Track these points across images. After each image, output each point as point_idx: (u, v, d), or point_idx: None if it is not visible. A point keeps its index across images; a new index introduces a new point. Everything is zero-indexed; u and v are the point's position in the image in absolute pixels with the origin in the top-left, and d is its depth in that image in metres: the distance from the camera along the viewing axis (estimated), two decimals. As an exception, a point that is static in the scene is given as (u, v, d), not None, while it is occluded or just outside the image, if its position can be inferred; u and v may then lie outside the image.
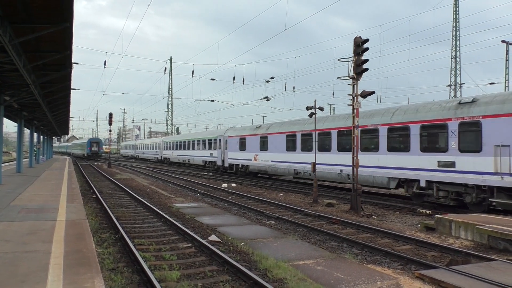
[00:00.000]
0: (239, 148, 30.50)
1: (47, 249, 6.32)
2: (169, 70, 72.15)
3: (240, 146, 30.29)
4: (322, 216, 13.12)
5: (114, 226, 10.70)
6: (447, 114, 14.40)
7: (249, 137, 29.08)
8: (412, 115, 15.88)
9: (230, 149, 32.22)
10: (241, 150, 30.16)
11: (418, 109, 15.91)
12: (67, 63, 14.57)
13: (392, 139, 16.75)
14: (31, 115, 26.31)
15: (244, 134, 30.08)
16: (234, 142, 31.63)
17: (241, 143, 30.25)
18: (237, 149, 30.90)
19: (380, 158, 17.14)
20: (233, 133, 32.44)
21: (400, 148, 16.36)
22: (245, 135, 29.70)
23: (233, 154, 31.74)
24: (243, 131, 30.89)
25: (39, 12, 9.77)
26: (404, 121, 16.17)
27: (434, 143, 14.96)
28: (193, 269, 7.30)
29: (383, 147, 17.11)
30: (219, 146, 34.83)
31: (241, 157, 30.25)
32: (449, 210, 14.20)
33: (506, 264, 7.40)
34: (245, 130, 30.72)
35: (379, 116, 17.67)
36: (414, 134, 15.60)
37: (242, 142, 30.08)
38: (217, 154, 35.42)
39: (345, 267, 7.47)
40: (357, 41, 14.72)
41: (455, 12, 48.30)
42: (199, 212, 13.86)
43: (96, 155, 69.43)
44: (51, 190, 15.03)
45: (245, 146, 29.52)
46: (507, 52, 40.90)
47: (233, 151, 31.78)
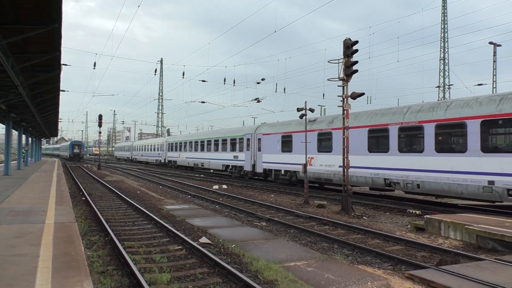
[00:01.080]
0: (280, 149, 24.01)
1: (35, 252, 6.24)
2: (159, 72, 71.92)
3: (283, 146, 23.82)
4: (313, 217, 13.14)
5: (104, 229, 10.61)
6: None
7: (297, 134, 22.43)
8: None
9: (266, 150, 25.59)
10: (284, 151, 23.70)
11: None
12: (56, 64, 14.43)
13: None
14: (20, 116, 26.00)
15: (289, 131, 23.45)
16: (272, 141, 25.07)
17: (284, 143, 23.76)
18: (276, 150, 24.47)
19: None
20: (269, 129, 25.88)
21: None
22: (291, 132, 23.11)
23: (271, 157, 25.09)
24: (287, 126, 24.07)
25: (27, 13, 9.67)
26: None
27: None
28: (183, 271, 7.26)
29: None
30: (248, 146, 27.99)
31: (284, 160, 23.66)
32: (439, 210, 14.32)
33: (495, 264, 7.48)
34: (290, 125, 23.80)
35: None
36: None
37: (287, 141, 23.53)
38: (244, 157, 28.40)
39: (336, 268, 7.49)
40: (346, 43, 14.80)
41: (443, 14, 48.85)
42: (190, 214, 13.80)
43: (78, 156, 73.68)
44: (39, 192, 14.85)
45: (290, 147, 23.00)
46: (495, 54, 41.47)
47: (270, 153, 25.20)
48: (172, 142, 47.66)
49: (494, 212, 13.98)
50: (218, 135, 33.97)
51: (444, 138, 14.63)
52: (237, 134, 30.15)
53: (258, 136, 26.84)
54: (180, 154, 43.71)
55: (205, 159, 36.17)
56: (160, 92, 74.27)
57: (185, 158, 42.01)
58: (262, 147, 26.14)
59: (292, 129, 23.29)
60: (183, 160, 42.61)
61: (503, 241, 8.76)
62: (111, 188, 21.84)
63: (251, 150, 27.56)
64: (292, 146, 22.92)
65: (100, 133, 48.86)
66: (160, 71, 72.37)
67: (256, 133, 27.26)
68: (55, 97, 22.21)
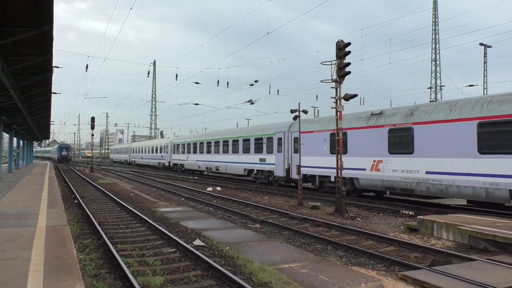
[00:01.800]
0: (329, 150, 19.67)
1: (27, 256, 6.18)
2: (152, 74, 71.73)
3: (333, 146, 19.04)
4: (307, 219, 13.16)
5: (97, 232, 10.53)
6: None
7: (355, 132, 18.16)
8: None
9: (306, 151, 21.12)
10: (335, 153, 17.43)
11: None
12: (48, 66, 14.34)
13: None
14: (11, 119, 25.78)
15: (345, 128, 18.35)
16: (315, 140, 20.70)
17: (335, 142, 17.53)
18: (322, 152, 20.09)
19: None
20: (311, 126, 21.19)
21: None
22: (346, 129, 18.39)
23: (313, 160, 20.62)
24: (347, 121, 18.68)
25: (18, 15, 9.61)
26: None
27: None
28: (177, 274, 7.23)
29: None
30: (280, 147, 23.75)
31: (334, 164, 16.90)
32: (432, 211, 14.41)
33: (487, 264, 7.53)
34: (343, 120, 17.31)
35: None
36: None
37: (346, 139, 18.70)
38: (274, 160, 24.13)
39: (329, 270, 7.50)
40: (339, 44, 14.86)
41: (434, 16, 49.29)
42: (184, 217, 13.75)
43: (66, 159, 75.45)
44: (31, 195, 14.72)
45: (346, 147, 18.49)
46: (485, 55, 41.87)
47: (312, 155, 20.78)
48: (178, 143, 42.47)
49: (486, 213, 14.08)
50: (239, 134, 29.18)
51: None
52: (264, 133, 25.26)
53: (294, 134, 22.05)
54: (188, 156, 38.82)
55: (221, 163, 31.27)
56: (153, 94, 74.08)
57: (194, 161, 37.15)
58: (300, 148, 20.93)
59: (347, 124, 18.46)
60: (192, 164, 37.80)
61: (495, 241, 8.83)
62: (104, 190, 21.70)
63: (284, 152, 23.13)
64: (347, 146, 18.40)
65: (92, 136, 48.60)
66: (153, 73, 72.22)
67: (291, 131, 22.72)
68: (46, 100, 22.07)
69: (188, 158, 38.90)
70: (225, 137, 31.04)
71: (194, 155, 37.19)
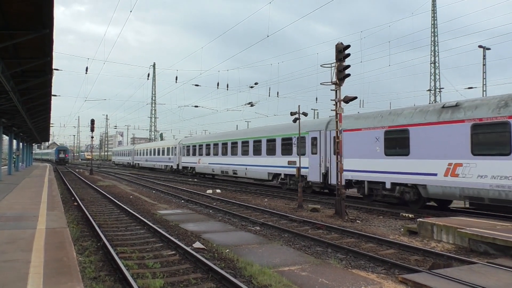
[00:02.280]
0: (382, 151, 16.51)
1: (27, 258, 6.17)
2: (152, 76, 71.80)
3: (388, 147, 16.30)
4: (307, 221, 13.15)
5: (96, 234, 10.52)
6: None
7: (420, 129, 15.03)
8: None
9: (350, 153, 17.92)
10: (391, 154, 16.12)
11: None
12: (47, 69, 14.36)
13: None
14: (10, 121, 25.80)
15: (400, 124, 15.79)
16: (362, 139, 17.54)
17: (391, 141, 16.20)
18: (372, 153, 16.91)
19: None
20: (357, 123, 18.13)
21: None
22: (406, 125, 15.52)
23: (360, 163, 17.54)
24: (395, 118, 16.23)
25: (18, 18, 9.62)
26: None
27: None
28: (177, 277, 7.21)
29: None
30: (314, 148, 20.60)
31: (390, 167, 16.04)
32: (431, 214, 14.40)
33: (487, 267, 7.53)
34: (401, 115, 15.96)
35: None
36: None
37: (396, 139, 15.96)
38: (308, 163, 20.82)
39: (329, 273, 7.49)
40: (338, 47, 14.89)
41: (433, 18, 49.37)
42: (183, 219, 13.74)
43: (63, 161, 77.72)
44: (31, 197, 14.70)
45: (405, 147, 15.49)
46: (484, 57, 41.94)
47: (358, 157, 17.64)
48: (188, 145, 38.95)
49: (486, 215, 14.09)
50: (261, 134, 25.89)
51: None
52: (294, 132, 21.52)
53: (334, 133, 17.87)
54: (200, 159, 35.42)
55: (239, 166, 28.01)
56: (153, 97, 74.12)
57: (207, 164, 33.70)
58: (350, 148, 18.06)
59: (409, 120, 15.50)
60: (205, 167, 34.35)
61: (495, 244, 8.82)
62: (104, 193, 21.68)
63: (320, 154, 20.11)
64: (409, 147, 15.31)
65: (92, 138, 48.59)
66: (153, 76, 72.29)
67: (330, 129, 19.66)
68: (46, 102, 22.09)
69: (200, 160, 35.62)
70: (244, 137, 27.81)
71: (207, 158, 33.85)
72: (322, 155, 20.13)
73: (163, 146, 48.53)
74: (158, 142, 57.06)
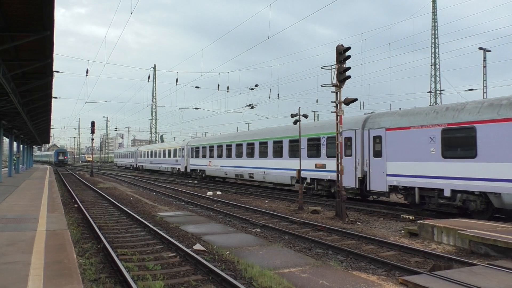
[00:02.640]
0: (440, 153, 14.22)
1: (27, 260, 6.17)
2: (152, 78, 71.89)
3: (446, 148, 14.12)
4: (307, 223, 13.14)
5: (97, 236, 10.52)
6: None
7: (490, 126, 12.86)
8: None
9: (394, 155, 15.87)
10: (449, 157, 13.93)
11: None
12: (48, 71, 14.38)
13: None
14: (11, 123, 25.82)
15: (464, 121, 13.65)
16: (411, 139, 15.21)
17: (451, 141, 14.08)
18: (423, 155, 14.65)
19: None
20: (404, 121, 15.79)
21: None
22: (473, 122, 13.37)
23: (408, 166, 15.26)
24: (456, 113, 14.02)
25: (19, 20, 9.64)
26: None
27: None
28: (177, 278, 7.21)
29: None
30: (349, 149, 18.22)
31: (449, 172, 13.89)
32: (432, 216, 14.38)
33: (487, 269, 7.52)
34: (464, 110, 13.80)
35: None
36: None
37: (459, 138, 13.79)
38: (346, 164, 17.17)
39: (330, 275, 7.48)
40: (339, 49, 14.91)
41: (433, 20, 49.42)
42: (184, 221, 13.73)
43: (62, 163, 79.86)
44: (31, 199, 14.71)
45: (471, 148, 13.30)
46: (485, 59, 41.96)
47: (406, 159, 15.37)
48: (197, 146, 36.43)
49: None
50: (283, 133, 23.51)
51: None
52: (324, 132, 19.61)
53: (374, 132, 16.87)
54: (211, 161, 33.17)
55: (257, 169, 25.88)
56: (153, 99, 74.18)
57: (219, 167, 31.48)
58: (384, 150, 16.23)
59: (475, 116, 13.27)
60: (216, 170, 32.05)
61: (496, 246, 8.81)
62: (104, 195, 21.68)
63: (356, 156, 17.80)
64: (475, 147, 13.09)
65: (93, 140, 48.61)
66: (154, 78, 72.36)
67: (369, 128, 17.33)
68: (47, 104, 22.11)
69: (210, 163, 33.27)
70: (262, 138, 25.52)
71: (219, 160, 31.49)
72: (358, 157, 17.73)
73: (169, 147, 46.12)
74: (164, 144, 54.70)
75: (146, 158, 55.77)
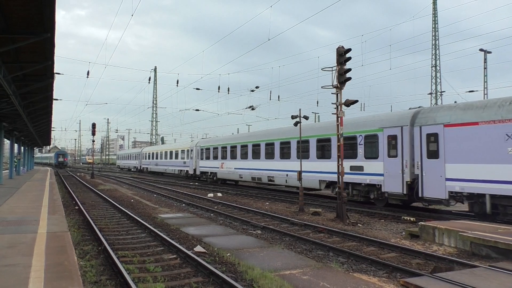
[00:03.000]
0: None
1: (27, 262, 6.16)
2: (153, 80, 71.95)
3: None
4: (308, 225, 13.12)
5: (97, 238, 10.51)
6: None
7: None
8: None
9: (454, 156, 13.83)
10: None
11: None
12: (49, 73, 14.40)
13: None
14: (12, 125, 25.84)
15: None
16: (481, 137, 13.10)
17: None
18: (498, 156, 12.63)
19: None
20: (472, 115, 13.57)
21: None
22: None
23: (476, 169, 13.22)
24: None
25: (19, 22, 9.66)
26: None
27: None
28: (178, 280, 7.20)
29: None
30: (392, 150, 16.13)
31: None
32: (433, 217, 14.36)
33: (489, 271, 7.50)
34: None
35: None
36: None
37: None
38: (381, 168, 16.46)
39: (331, 276, 7.46)
40: (339, 50, 14.91)
41: (434, 22, 49.42)
42: (185, 223, 13.72)
43: (62, 164, 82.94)
44: (32, 201, 14.71)
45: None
46: (485, 61, 41.94)
47: (473, 161, 13.32)
48: (208, 147, 34.12)
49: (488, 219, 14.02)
50: (309, 132, 20.99)
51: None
52: (361, 130, 17.75)
53: (429, 129, 14.59)
54: (223, 163, 30.94)
55: (278, 171, 23.37)
56: (154, 100, 74.21)
57: (233, 169, 29.20)
58: (442, 150, 14.15)
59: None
60: (230, 172, 29.78)
61: (497, 248, 8.79)
62: (105, 197, 21.68)
63: (403, 156, 15.55)
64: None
65: (93, 142, 48.63)
66: (154, 80, 72.41)
67: (420, 124, 15.03)
68: (47, 106, 22.14)
69: (223, 165, 30.97)
70: (284, 137, 23.18)
71: (233, 162, 29.23)
72: (406, 158, 15.41)
73: (176, 148, 43.72)
74: (171, 144, 52.59)
75: (151, 160, 53.84)
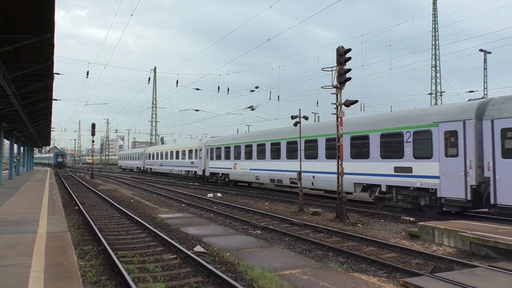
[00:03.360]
0: None
1: (27, 262, 6.16)
2: (153, 80, 71.92)
3: None
4: (308, 225, 13.12)
5: (97, 238, 10.51)
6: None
7: None
8: None
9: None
10: None
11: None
12: (48, 73, 14.40)
13: None
14: (11, 126, 25.83)
15: None
16: None
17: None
18: None
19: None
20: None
21: None
22: None
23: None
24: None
25: (19, 22, 9.66)
26: None
27: None
28: (178, 280, 7.20)
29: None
30: (450, 148, 14.06)
31: None
32: (433, 217, 14.36)
33: (488, 271, 7.50)
34: None
35: None
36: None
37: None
38: (436, 169, 14.34)
39: (331, 276, 7.47)
40: (339, 50, 14.91)
41: (434, 22, 49.43)
42: (184, 223, 13.72)
43: (61, 165, 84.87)
44: (31, 202, 14.70)
45: None
46: (485, 61, 41.96)
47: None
48: (219, 146, 31.84)
49: (487, 219, 14.05)
50: (345, 129, 17.44)
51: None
52: (407, 125, 15.61)
53: (505, 123, 12.48)
54: (236, 163, 28.79)
55: (303, 173, 19.78)
56: (153, 101, 74.19)
57: (248, 170, 27.09)
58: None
59: None
60: (245, 173, 27.63)
61: (497, 248, 8.80)
62: (104, 197, 21.67)
63: (466, 156, 13.45)
64: None
65: (93, 142, 48.63)
66: (154, 80, 72.38)
67: (491, 117, 12.93)
68: (47, 106, 22.14)
69: (236, 165, 28.81)
70: (309, 135, 20.85)
71: (248, 162, 26.99)
72: (471, 158, 13.33)
73: (183, 148, 41.19)
74: (177, 144, 50.42)
75: (155, 160, 51.74)
